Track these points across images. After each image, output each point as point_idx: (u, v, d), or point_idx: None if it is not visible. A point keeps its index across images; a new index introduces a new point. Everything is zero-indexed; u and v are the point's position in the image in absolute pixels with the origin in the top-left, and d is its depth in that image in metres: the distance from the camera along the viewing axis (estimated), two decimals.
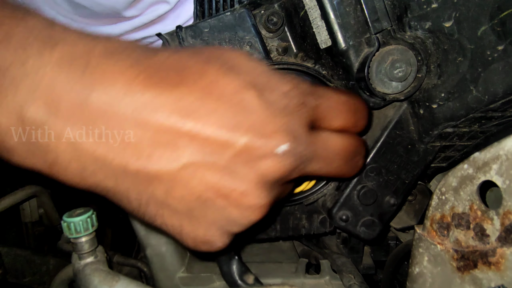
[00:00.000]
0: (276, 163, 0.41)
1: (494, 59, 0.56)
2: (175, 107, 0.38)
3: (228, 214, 0.43)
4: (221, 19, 0.65)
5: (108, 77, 0.36)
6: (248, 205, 0.42)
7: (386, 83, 0.60)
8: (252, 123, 0.40)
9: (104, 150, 0.38)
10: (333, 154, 0.49)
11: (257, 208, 0.43)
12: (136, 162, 0.38)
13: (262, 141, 0.40)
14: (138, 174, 0.39)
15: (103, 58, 0.37)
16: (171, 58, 0.41)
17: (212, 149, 0.40)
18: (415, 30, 0.59)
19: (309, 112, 0.46)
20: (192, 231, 0.44)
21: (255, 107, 0.41)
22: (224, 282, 0.69)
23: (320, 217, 0.77)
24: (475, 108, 0.59)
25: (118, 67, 0.37)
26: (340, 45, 0.61)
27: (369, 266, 0.89)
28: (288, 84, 0.44)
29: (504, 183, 0.44)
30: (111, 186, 0.40)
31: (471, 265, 0.47)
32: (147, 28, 1.28)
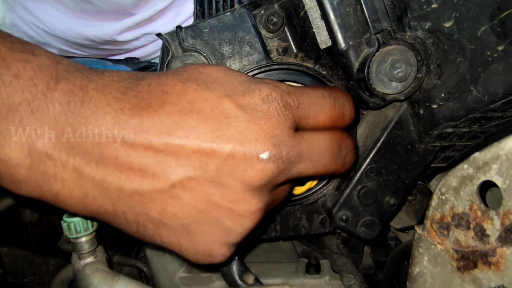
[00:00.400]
0: (261, 169, 0.43)
1: (494, 59, 0.56)
2: (159, 129, 0.42)
3: (223, 224, 0.44)
4: (221, 19, 0.65)
5: (100, 111, 0.41)
6: (240, 213, 0.44)
7: (386, 83, 0.60)
8: (234, 132, 0.42)
9: (102, 175, 0.41)
10: (319, 153, 0.50)
11: (249, 214, 0.44)
12: (130, 185, 0.42)
13: (244, 148, 0.42)
14: (132, 197, 0.42)
15: (96, 92, 0.42)
16: (153, 83, 0.44)
17: (199, 162, 0.42)
18: (415, 30, 0.59)
19: (291, 113, 0.47)
20: (191, 247, 0.46)
21: (235, 116, 0.43)
22: (224, 282, 0.69)
23: (320, 217, 0.77)
24: (475, 108, 0.59)
25: (107, 101, 0.42)
26: (340, 45, 0.61)
27: (369, 266, 0.89)
28: (266, 88, 0.46)
29: (504, 183, 0.44)
30: (110, 210, 0.44)
31: (471, 265, 0.47)
32: (147, 25, 1.28)
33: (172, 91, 0.44)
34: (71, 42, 1.47)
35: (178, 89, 0.44)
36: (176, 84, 0.44)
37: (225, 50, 0.66)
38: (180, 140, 0.41)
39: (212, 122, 0.42)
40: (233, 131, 0.42)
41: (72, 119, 0.40)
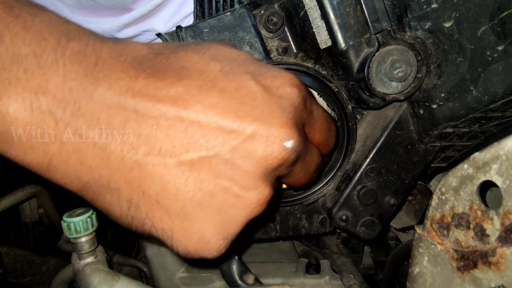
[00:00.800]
0: (281, 156, 0.40)
1: (494, 59, 0.56)
2: (175, 101, 0.38)
3: (226, 213, 0.41)
4: (221, 19, 0.65)
5: (113, 75, 0.38)
6: (248, 201, 0.41)
7: (386, 83, 0.60)
8: (259, 114, 0.40)
9: (105, 143, 0.38)
10: (311, 164, 0.49)
11: (257, 205, 0.41)
12: (132, 156, 0.38)
13: (269, 131, 0.40)
14: (132, 170, 0.39)
15: (110, 57, 0.39)
16: (171, 58, 0.42)
17: (214, 141, 0.39)
18: (415, 30, 0.59)
19: (307, 115, 0.46)
20: (184, 236, 0.41)
21: (261, 99, 0.40)
22: (224, 282, 0.69)
23: (320, 217, 0.77)
24: (475, 108, 0.59)
25: (122, 67, 0.39)
26: (340, 45, 0.61)
27: (369, 266, 0.89)
28: (294, 81, 0.44)
29: (504, 183, 0.44)
30: (104, 184, 0.40)
31: (471, 265, 0.47)
32: (145, 21, 1.28)
33: (192, 68, 0.41)
34: None
35: (200, 68, 0.41)
36: (197, 62, 0.42)
37: None
38: (197, 116, 0.38)
39: (236, 102, 0.39)
40: (257, 113, 0.39)
41: (82, 79, 0.37)
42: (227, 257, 0.68)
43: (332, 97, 0.69)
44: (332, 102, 0.70)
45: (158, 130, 0.38)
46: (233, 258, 0.68)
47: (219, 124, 0.39)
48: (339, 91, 0.69)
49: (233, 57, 0.44)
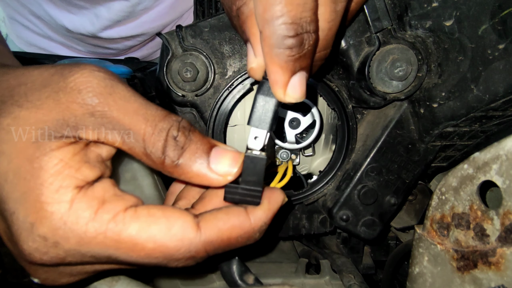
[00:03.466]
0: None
1: (495, 58, 0.55)
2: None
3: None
4: (221, 18, 0.65)
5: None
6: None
7: (387, 82, 0.60)
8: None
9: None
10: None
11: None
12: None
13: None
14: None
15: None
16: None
17: None
18: (416, 29, 0.59)
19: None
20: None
21: None
22: (224, 282, 0.69)
23: (321, 217, 0.77)
24: (475, 107, 0.59)
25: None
26: (341, 44, 0.61)
27: (369, 266, 0.89)
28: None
29: (504, 183, 0.44)
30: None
31: (471, 265, 0.47)
32: (128, 25, 1.29)
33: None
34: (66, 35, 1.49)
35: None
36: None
37: (225, 49, 0.66)
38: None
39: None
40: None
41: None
42: (228, 257, 0.68)
43: (333, 97, 0.69)
44: (332, 101, 0.70)
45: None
46: (233, 258, 0.68)
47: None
48: (339, 90, 0.68)
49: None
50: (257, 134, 0.48)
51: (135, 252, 0.42)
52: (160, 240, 0.42)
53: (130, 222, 0.42)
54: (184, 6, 1.44)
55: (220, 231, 0.44)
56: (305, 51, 0.42)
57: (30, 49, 1.60)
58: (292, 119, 0.74)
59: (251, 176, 0.47)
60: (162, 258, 0.43)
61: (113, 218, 0.42)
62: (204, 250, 0.44)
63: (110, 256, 0.43)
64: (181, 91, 0.65)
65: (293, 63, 0.42)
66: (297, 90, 0.44)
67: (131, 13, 1.37)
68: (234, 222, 0.45)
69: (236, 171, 0.46)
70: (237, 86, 0.67)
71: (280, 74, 0.43)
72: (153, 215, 0.43)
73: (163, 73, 0.64)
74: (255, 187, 0.47)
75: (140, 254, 0.43)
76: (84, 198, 0.42)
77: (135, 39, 1.51)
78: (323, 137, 0.80)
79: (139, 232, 0.42)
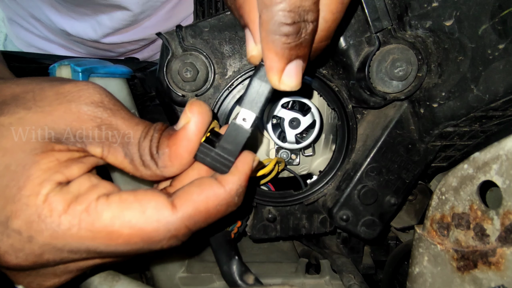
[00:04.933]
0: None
1: (495, 58, 0.55)
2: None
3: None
4: (221, 18, 0.65)
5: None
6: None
7: (387, 82, 0.60)
8: None
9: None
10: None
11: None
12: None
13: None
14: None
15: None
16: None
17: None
18: (416, 29, 0.59)
19: None
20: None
21: None
22: (224, 282, 0.69)
23: (321, 217, 0.77)
24: (476, 107, 0.59)
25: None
26: (341, 44, 0.61)
27: (369, 266, 0.89)
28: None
29: (504, 183, 0.44)
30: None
31: (471, 265, 0.47)
32: (128, 32, 1.30)
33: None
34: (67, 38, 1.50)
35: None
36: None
37: (225, 49, 0.66)
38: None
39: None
40: None
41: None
42: (228, 257, 0.68)
43: (333, 97, 0.69)
44: (332, 101, 0.69)
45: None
46: (233, 258, 0.68)
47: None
48: (339, 90, 0.68)
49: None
50: (246, 116, 0.48)
51: (113, 240, 0.42)
52: (135, 225, 0.42)
53: (102, 211, 0.42)
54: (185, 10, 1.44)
55: (195, 204, 0.44)
56: (301, 40, 0.41)
57: (30, 49, 1.60)
58: (292, 119, 0.74)
59: (229, 144, 0.47)
60: (142, 243, 0.43)
61: (86, 209, 0.42)
62: (184, 226, 0.44)
63: (88, 249, 0.43)
64: (181, 91, 0.65)
65: (288, 50, 0.42)
66: (293, 78, 0.44)
67: (133, 21, 1.37)
68: (208, 192, 0.45)
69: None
70: (237, 86, 0.67)
71: (275, 61, 0.42)
72: (125, 200, 0.43)
73: (163, 73, 0.64)
74: (229, 156, 0.47)
75: (118, 242, 0.42)
76: (60, 192, 0.42)
77: (137, 43, 1.52)
78: (323, 137, 0.80)
79: (113, 219, 0.42)
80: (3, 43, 1.76)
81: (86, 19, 1.39)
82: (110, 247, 0.42)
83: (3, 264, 0.43)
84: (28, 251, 0.42)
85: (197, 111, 0.46)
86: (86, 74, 0.69)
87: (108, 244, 0.42)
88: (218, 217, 0.46)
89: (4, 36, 1.73)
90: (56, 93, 0.45)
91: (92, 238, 0.42)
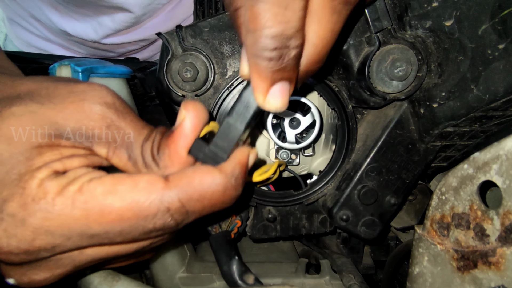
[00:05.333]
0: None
1: (495, 58, 0.55)
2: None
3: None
4: (221, 18, 0.65)
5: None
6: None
7: (387, 82, 0.60)
8: None
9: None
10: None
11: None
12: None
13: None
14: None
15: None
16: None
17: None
18: (416, 29, 0.59)
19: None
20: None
21: None
22: (224, 282, 0.69)
23: (321, 217, 0.77)
24: (476, 107, 0.59)
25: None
26: (342, 47, 0.61)
27: (369, 266, 0.89)
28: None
29: (504, 183, 0.44)
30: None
31: (471, 265, 0.47)
32: (128, 34, 1.31)
33: None
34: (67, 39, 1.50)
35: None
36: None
37: (225, 49, 0.66)
38: None
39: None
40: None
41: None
42: (228, 257, 0.68)
43: (333, 97, 0.69)
44: (332, 101, 0.70)
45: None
46: (233, 258, 0.68)
47: None
48: (339, 90, 0.68)
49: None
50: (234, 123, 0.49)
51: (105, 216, 0.42)
52: (127, 197, 0.42)
53: (95, 188, 0.42)
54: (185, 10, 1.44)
55: (189, 179, 0.44)
56: (284, 64, 0.42)
57: (30, 49, 1.60)
58: (292, 119, 0.74)
59: (222, 141, 0.48)
60: (135, 218, 0.42)
61: (79, 189, 0.42)
62: (178, 200, 0.43)
63: (82, 232, 0.42)
64: (181, 91, 0.65)
65: (271, 74, 0.42)
66: (278, 99, 0.44)
67: (134, 23, 1.38)
68: (202, 170, 0.45)
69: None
70: (237, 86, 0.67)
71: (259, 82, 0.43)
72: (117, 177, 0.43)
73: (163, 73, 0.64)
74: (221, 154, 0.48)
75: (111, 217, 0.42)
76: (55, 178, 0.42)
77: (137, 43, 1.52)
78: (323, 137, 0.80)
79: (105, 193, 0.42)
80: (3, 43, 1.76)
81: (87, 20, 1.39)
82: (103, 225, 0.42)
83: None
84: (20, 236, 0.41)
85: (191, 108, 0.47)
86: (86, 74, 0.69)
87: (101, 222, 0.42)
88: (216, 203, 0.46)
89: (4, 36, 1.73)
90: (70, 92, 0.46)
91: (85, 216, 0.41)
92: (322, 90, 0.69)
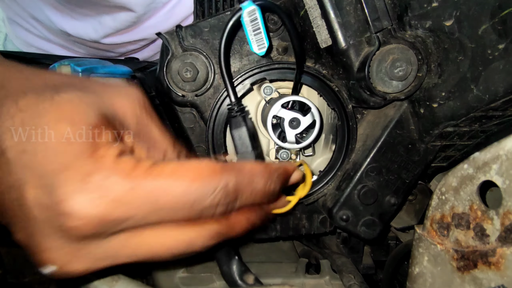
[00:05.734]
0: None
1: (495, 58, 0.55)
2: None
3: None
4: (221, 18, 0.65)
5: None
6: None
7: (387, 82, 0.60)
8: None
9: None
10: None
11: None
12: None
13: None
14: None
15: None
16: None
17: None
18: (416, 29, 0.59)
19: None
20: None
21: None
22: (224, 282, 0.69)
23: (321, 217, 0.77)
24: (475, 107, 0.59)
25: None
26: (341, 44, 0.61)
27: (369, 266, 0.89)
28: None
29: (504, 183, 0.44)
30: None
31: (471, 265, 0.47)
32: (130, 32, 1.31)
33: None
34: (67, 39, 1.50)
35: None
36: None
37: None
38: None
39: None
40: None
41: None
42: (228, 257, 0.68)
43: (333, 97, 0.69)
44: (332, 101, 0.70)
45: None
46: (233, 258, 0.68)
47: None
48: (339, 90, 0.68)
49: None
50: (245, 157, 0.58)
51: (177, 177, 0.44)
52: (194, 164, 0.45)
53: (166, 164, 0.45)
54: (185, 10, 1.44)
55: (242, 165, 0.48)
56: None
57: (30, 49, 1.60)
58: (292, 119, 0.74)
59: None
60: (199, 182, 0.45)
61: (151, 166, 0.44)
62: (234, 177, 0.46)
63: (152, 207, 0.44)
64: (181, 91, 0.65)
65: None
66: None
67: (136, 22, 1.38)
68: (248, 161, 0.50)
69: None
70: (237, 86, 0.67)
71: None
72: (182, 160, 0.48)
73: (163, 73, 0.64)
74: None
75: (181, 178, 0.44)
76: (127, 154, 0.45)
77: (137, 43, 1.52)
78: (323, 137, 0.80)
79: (176, 165, 0.45)
80: (3, 43, 1.76)
81: (87, 19, 1.39)
82: (173, 188, 0.44)
83: (62, 227, 0.43)
84: (95, 211, 0.42)
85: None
86: (86, 74, 0.69)
87: (171, 185, 0.44)
88: (260, 193, 0.49)
89: (4, 36, 1.73)
90: (103, 85, 0.48)
91: (154, 191, 0.44)
92: (322, 90, 0.69)
